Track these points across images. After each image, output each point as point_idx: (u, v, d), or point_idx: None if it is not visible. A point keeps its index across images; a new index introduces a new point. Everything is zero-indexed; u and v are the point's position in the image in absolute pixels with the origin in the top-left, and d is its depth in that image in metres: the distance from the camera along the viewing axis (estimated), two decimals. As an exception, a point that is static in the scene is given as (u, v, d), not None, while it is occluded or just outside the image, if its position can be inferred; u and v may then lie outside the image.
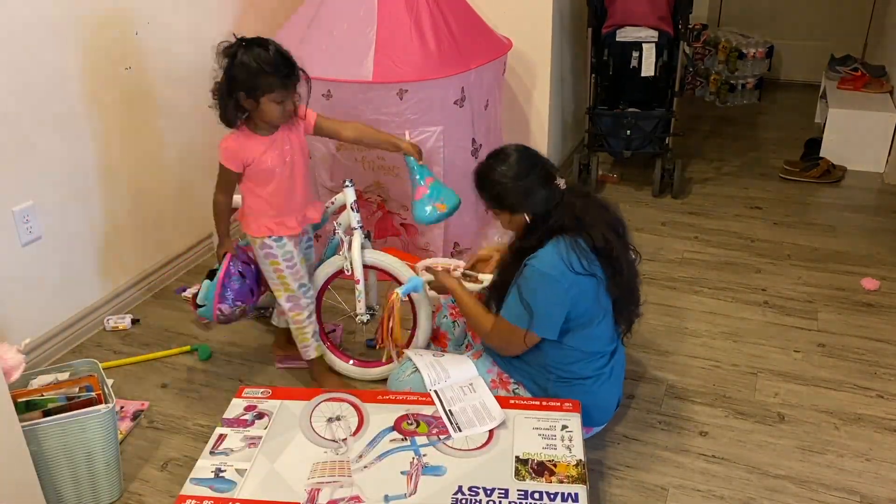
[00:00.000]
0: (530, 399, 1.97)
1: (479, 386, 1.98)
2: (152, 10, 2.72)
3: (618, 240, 1.91)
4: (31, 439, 1.76)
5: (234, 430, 1.86)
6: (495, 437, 1.81)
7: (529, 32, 3.27)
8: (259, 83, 1.94)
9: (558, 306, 1.86)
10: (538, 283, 1.86)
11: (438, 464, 1.74)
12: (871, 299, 2.81)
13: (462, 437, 1.81)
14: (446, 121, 2.67)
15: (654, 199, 3.72)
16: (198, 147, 3.05)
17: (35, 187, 2.41)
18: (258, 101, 1.96)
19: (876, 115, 3.95)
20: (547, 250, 1.85)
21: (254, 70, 1.92)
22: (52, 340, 2.54)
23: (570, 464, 1.73)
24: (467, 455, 1.76)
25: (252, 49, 1.94)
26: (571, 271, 1.82)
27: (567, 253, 1.83)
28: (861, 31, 5.12)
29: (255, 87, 1.94)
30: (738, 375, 2.41)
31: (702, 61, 5.17)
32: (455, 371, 2.03)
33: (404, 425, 1.86)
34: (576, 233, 1.86)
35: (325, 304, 2.49)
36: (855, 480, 1.99)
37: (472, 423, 1.85)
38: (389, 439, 1.82)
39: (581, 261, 1.83)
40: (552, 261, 1.84)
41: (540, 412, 1.89)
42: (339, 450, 1.79)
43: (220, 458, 1.77)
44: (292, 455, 1.78)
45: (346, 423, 1.88)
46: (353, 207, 2.31)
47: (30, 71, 2.32)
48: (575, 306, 1.87)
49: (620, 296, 1.94)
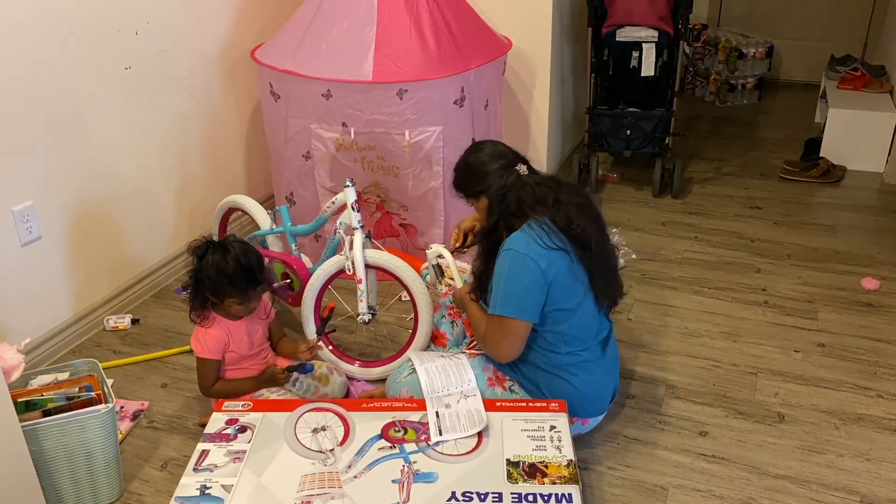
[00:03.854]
0: (517, 400, 1.97)
1: (472, 393, 1.97)
2: (152, 10, 2.72)
3: (587, 221, 1.92)
4: (31, 439, 1.76)
5: (217, 445, 1.82)
6: (484, 441, 1.80)
7: (529, 32, 3.27)
8: (221, 289, 2.05)
9: (536, 284, 1.87)
10: (514, 266, 1.88)
11: (429, 470, 1.72)
12: (871, 299, 2.81)
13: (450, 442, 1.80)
14: (446, 121, 2.67)
15: (654, 199, 3.72)
16: (198, 146, 3.05)
17: (35, 187, 2.41)
18: (222, 301, 2.08)
19: (876, 115, 3.95)
20: (517, 235, 1.90)
21: (213, 279, 2.03)
22: (52, 340, 2.54)
23: (562, 464, 1.73)
24: (458, 460, 1.75)
25: (215, 255, 2.03)
26: (544, 247, 1.85)
27: (535, 232, 1.87)
28: (861, 31, 5.12)
29: (218, 291, 2.06)
30: (738, 375, 2.41)
31: (702, 61, 5.17)
32: (455, 380, 2.01)
33: (392, 433, 1.84)
34: (539, 214, 1.90)
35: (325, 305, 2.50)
36: (855, 480, 1.99)
37: (454, 429, 1.84)
38: (378, 448, 1.80)
39: (551, 237, 1.86)
40: (524, 241, 1.88)
41: (527, 413, 1.89)
42: (326, 461, 1.76)
43: (204, 474, 1.73)
44: (279, 468, 1.75)
45: (331, 433, 1.86)
46: (354, 207, 2.31)
47: (30, 71, 2.32)
48: (555, 286, 1.88)
49: (595, 271, 1.94)
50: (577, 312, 1.94)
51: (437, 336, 2.32)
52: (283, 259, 2.55)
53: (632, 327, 2.64)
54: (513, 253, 1.88)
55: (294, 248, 2.64)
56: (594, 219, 1.96)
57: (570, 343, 1.96)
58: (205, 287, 2.05)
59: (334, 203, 2.41)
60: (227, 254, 2.03)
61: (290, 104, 2.76)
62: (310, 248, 3.00)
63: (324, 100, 2.64)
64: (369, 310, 2.32)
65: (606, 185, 3.91)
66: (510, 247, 1.89)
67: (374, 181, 2.81)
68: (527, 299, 1.89)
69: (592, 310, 1.97)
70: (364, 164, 2.76)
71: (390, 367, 2.30)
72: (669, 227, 3.43)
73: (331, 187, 2.82)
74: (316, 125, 2.72)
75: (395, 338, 2.61)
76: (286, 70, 2.68)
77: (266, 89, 2.83)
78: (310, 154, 2.80)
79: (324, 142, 2.73)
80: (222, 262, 2.02)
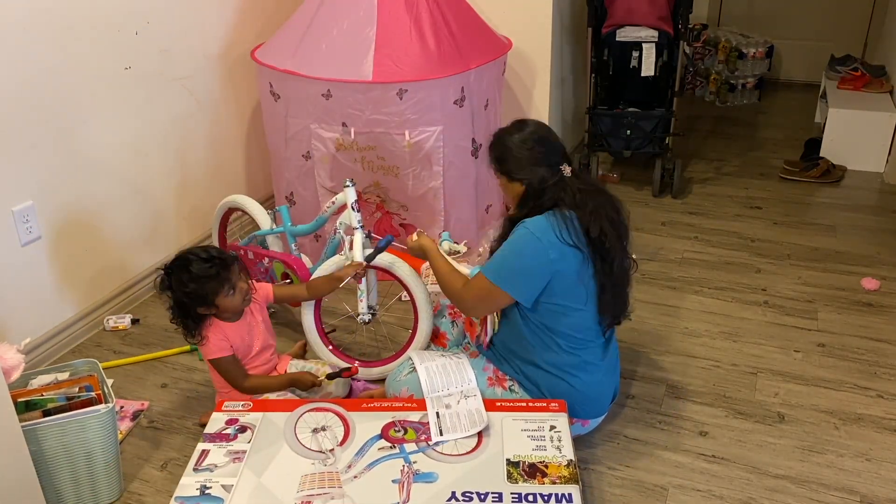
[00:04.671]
0: (517, 401, 1.96)
1: (472, 393, 1.97)
2: (152, 10, 2.72)
3: (616, 239, 1.91)
4: (31, 439, 1.76)
5: (217, 445, 1.81)
6: (484, 441, 1.80)
7: (529, 32, 3.27)
8: (206, 291, 1.99)
9: (539, 270, 1.86)
10: (525, 244, 1.86)
11: (429, 470, 1.72)
12: (871, 299, 2.81)
13: (450, 442, 1.80)
14: (446, 120, 2.67)
15: (654, 199, 3.72)
16: (198, 146, 3.05)
17: (35, 187, 2.41)
18: (216, 304, 2.02)
19: (876, 115, 3.95)
20: (539, 218, 1.88)
21: (194, 289, 1.98)
22: (51, 340, 2.54)
23: (562, 464, 1.73)
24: (458, 460, 1.75)
25: (180, 272, 1.99)
26: (560, 241, 1.83)
27: (558, 223, 1.85)
28: (861, 31, 5.12)
29: (205, 297, 2.00)
30: (738, 375, 2.41)
31: (702, 61, 5.17)
32: (455, 379, 2.01)
33: (392, 433, 1.84)
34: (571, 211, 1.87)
35: (325, 305, 2.50)
36: (855, 480, 1.99)
37: (455, 429, 1.84)
38: (378, 448, 1.79)
39: (570, 234, 1.84)
40: (543, 226, 1.85)
41: (527, 413, 1.89)
42: (326, 461, 1.76)
43: (204, 474, 1.72)
44: (279, 468, 1.74)
45: (331, 433, 1.85)
46: (354, 207, 2.31)
47: (30, 70, 2.32)
48: (558, 279, 1.87)
49: (607, 286, 1.93)
50: (577, 313, 1.93)
51: (437, 336, 2.32)
52: (283, 259, 2.55)
53: (632, 327, 2.64)
54: (528, 233, 1.86)
55: (294, 248, 2.64)
56: (622, 236, 1.94)
57: (571, 342, 1.96)
58: (192, 304, 2.00)
59: (334, 203, 2.41)
60: (187, 262, 1.99)
61: (290, 104, 2.76)
62: (310, 248, 3.00)
63: (324, 100, 2.64)
64: (369, 310, 2.32)
65: (606, 185, 3.90)
66: (527, 226, 1.87)
67: (374, 181, 2.81)
68: (522, 281, 1.88)
69: (593, 316, 1.97)
70: (364, 164, 2.76)
71: (390, 367, 2.30)
72: (669, 227, 3.43)
73: (331, 187, 2.82)
74: (316, 125, 2.72)
75: (395, 338, 2.61)
76: (286, 70, 2.68)
77: (266, 89, 2.83)
78: (310, 154, 2.80)
79: (324, 142, 2.73)
80: (191, 269, 1.97)
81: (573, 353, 1.97)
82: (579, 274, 1.89)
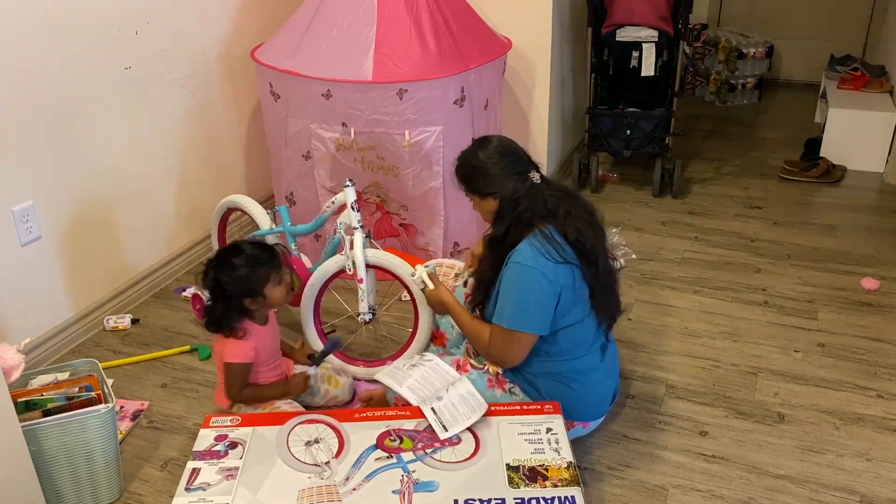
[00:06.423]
0: (510, 404, 1.95)
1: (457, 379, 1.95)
2: (152, 10, 2.72)
3: (594, 238, 1.91)
4: (31, 439, 1.76)
5: (208, 463, 1.75)
6: (482, 447, 1.79)
7: (529, 32, 3.27)
8: (259, 276, 1.98)
9: (546, 297, 1.86)
10: (523, 279, 1.86)
11: (429, 479, 1.70)
12: (871, 299, 2.81)
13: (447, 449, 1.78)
14: (446, 120, 2.67)
15: (654, 199, 3.72)
16: (198, 146, 3.05)
17: (35, 187, 2.41)
18: (263, 295, 2.00)
19: (876, 115, 3.95)
20: (523, 247, 1.87)
21: (245, 275, 1.97)
22: (52, 340, 2.54)
23: (561, 466, 1.72)
24: (456, 467, 1.73)
25: (229, 259, 1.98)
26: (551, 260, 1.83)
27: (542, 244, 1.85)
28: (861, 31, 5.12)
29: (256, 282, 1.98)
30: (738, 375, 2.41)
31: (702, 61, 5.17)
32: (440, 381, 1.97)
33: (387, 442, 1.81)
34: (546, 224, 1.87)
35: (325, 305, 2.50)
36: (855, 480, 1.99)
37: (456, 419, 1.83)
38: (374, 458, 1.76)
39: (557, 250, 1.84)
40: (531, 254, 1.85)
41: (523, 417, 1.87)
42: (323, 474, 1.72)
43: (197, 493, 1.67)
44: (275, 484, 1.70)
45: (325, 445, 1.81)
46: (354, 207, 2.31)
47: (30, 71, 2.32)
48: (561, 299, 1.87)
49: (596, 287, 1.93)
50: (576, 327, 1.94)
51: (437, 336, 2.32)
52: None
53: (632, 327, 2.64)
54: (520, 266, 1.86)
55: (294, 247, 2.64)
56: (599, 235, 1.95)
57: (570, 352, 1.96)
58: (240, 293, 1.98)
59: (334, 203, 2.41)
60: (237, 251, 1.99)
61: (289, 104, 2.76)
62: (310, 248, 3.00)
63: (324, 100, 2.64)
64: (369, 309, 2.32)
65: (606, 185, 3.91)
66: (517, 260, 1.86)
67: (374, 181, 2.81)
68: (536, 313, 1.88)
69: (591, 326, 1.97)
70: (364, 164, 2.76)
71: (391, 367, 2.30)
72: (669, 227, 3.43)
73: (331, 187, 2.82)
74: (316, 125, 2.72)
75: (395, 338, 2.61)
76: (286, 70, 2.68)
77: (266, 89, 2.83)
78: (310, 154, 2.80)
79: (324, 142, 2.73)
80: (245, 251, 1.98)
81: (572, 361, 1.97)
82: (574, 288, 1.89)
